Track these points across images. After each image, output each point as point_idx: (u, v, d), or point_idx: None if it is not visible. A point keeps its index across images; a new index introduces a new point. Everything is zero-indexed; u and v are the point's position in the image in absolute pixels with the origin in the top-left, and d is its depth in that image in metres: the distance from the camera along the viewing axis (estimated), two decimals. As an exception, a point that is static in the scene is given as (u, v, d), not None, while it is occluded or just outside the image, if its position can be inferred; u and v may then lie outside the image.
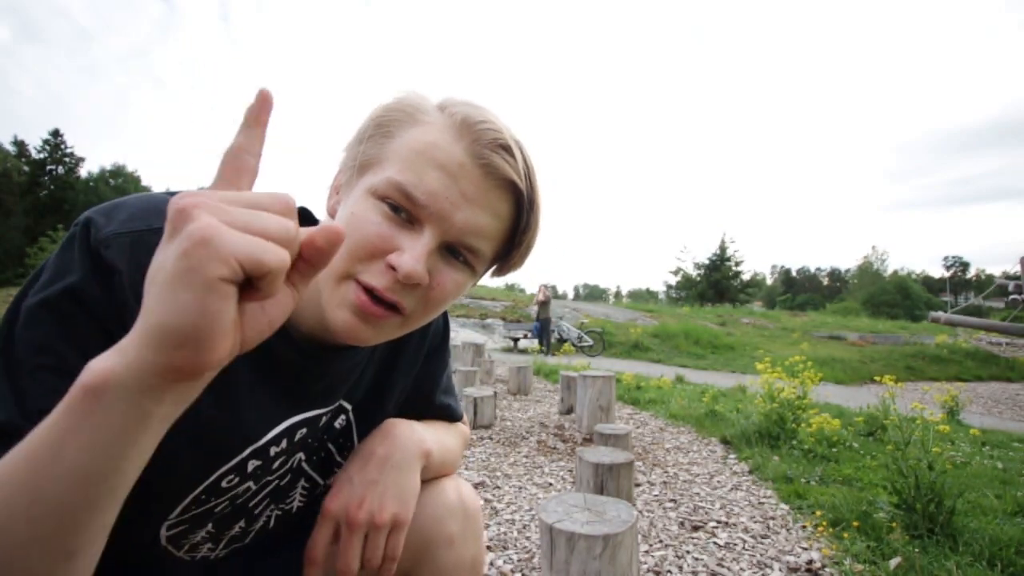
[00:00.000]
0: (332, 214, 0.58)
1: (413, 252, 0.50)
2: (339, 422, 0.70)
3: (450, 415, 0.84)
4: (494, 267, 0.61)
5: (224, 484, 0.58)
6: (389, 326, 0.53)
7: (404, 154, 0.52)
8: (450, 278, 0.54)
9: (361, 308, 0.50)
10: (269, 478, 0.63)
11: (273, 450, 0.61)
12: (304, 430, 0.63)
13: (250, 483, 0.61)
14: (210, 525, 0.61)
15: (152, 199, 0.53)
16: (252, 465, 0.59)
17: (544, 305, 12.25)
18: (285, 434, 0.61)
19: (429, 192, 0.51)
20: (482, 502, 2.54)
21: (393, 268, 0.50)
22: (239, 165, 0.38)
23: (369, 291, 0.51)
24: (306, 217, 0.64)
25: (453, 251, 0.54)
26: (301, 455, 0.66)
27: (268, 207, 0.35)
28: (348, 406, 0.70)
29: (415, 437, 0.67)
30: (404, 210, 0.51)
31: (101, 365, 0.33)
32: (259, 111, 0.38)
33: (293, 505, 0.72)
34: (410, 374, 0.76)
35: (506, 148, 0.52)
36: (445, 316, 0.81)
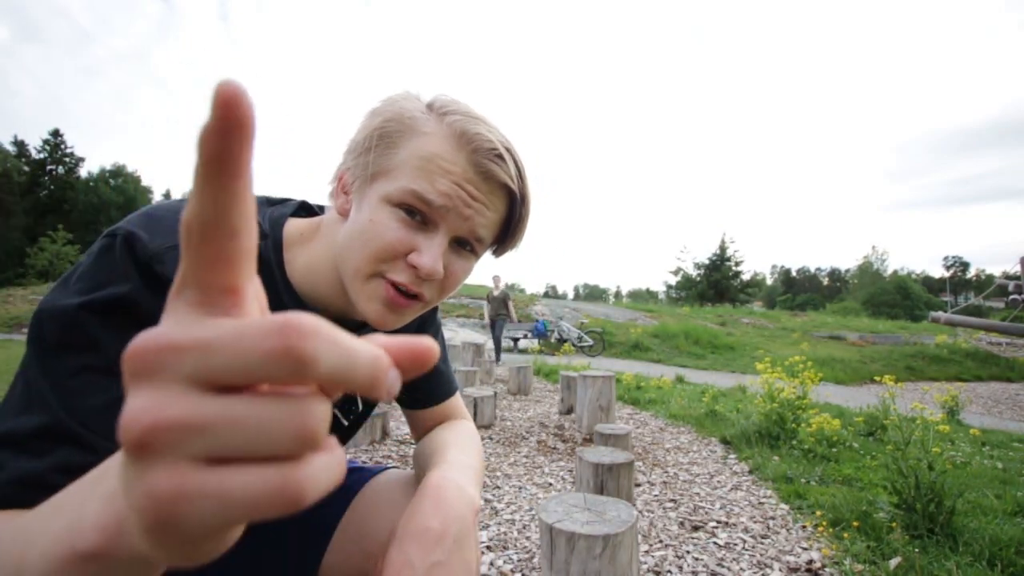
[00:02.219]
0: (343, 214, 0.62)
1: (431, 252, 0.58)
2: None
3: (445, 383, 0.87)
4: (495, 251, 0.68)
5: None
6: (411, 312, 0.62)
7: (415, 163, 0.58)
8: (460, 266, 0.62)
9: (391, 301, 0.59)
10: None
11: None
12: None
13: None
14: None
15: (183, 206, 0.54)
16: None
17: (499, 302, 10.05)
18: None
19: (441, 194, 0.57)
20: (482, 502, 2.54)
21: (413, 266, 0.58)
22: (227, 255, 0.22)
23: (395, 286, 0.58)
24: (307, 209, 0.69)
25: (461, 242, 0.61)
26: None
27: (284, 415, 0.20)
28: None
29: (465, 498, 0.62)
30: (419, 213, 0.58)
31: (91, 537, 0.26)
32: (231, 129, 0.20)
33: None
34: None
35: (500, 156, 0.59)
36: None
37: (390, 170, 0.59)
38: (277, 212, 0.65)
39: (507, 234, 0.65)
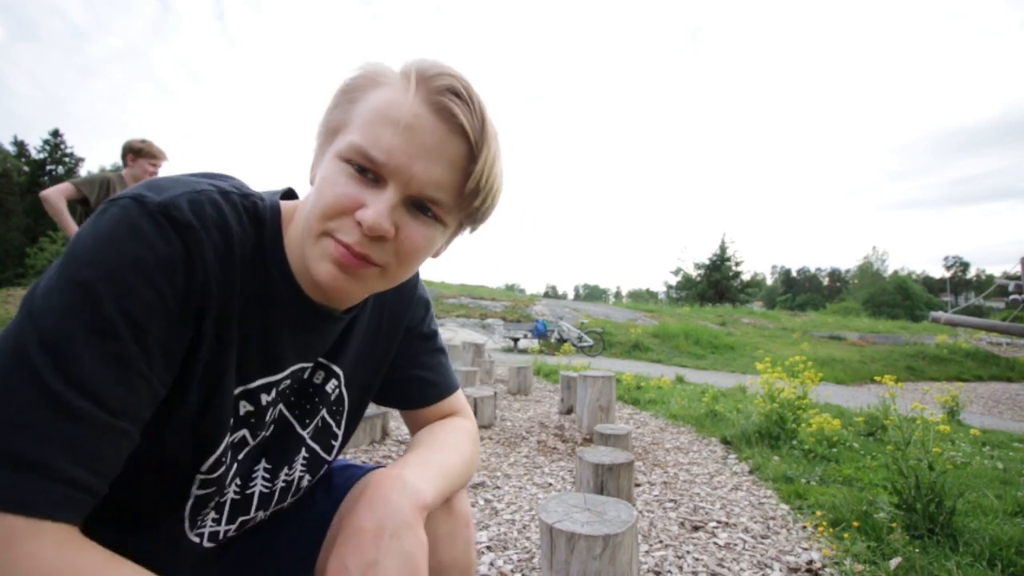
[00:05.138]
0: (313, 183, 0.61)
1: (376, 207, 0.53)
2: (330, 386, 0.73)
3: (440, 382, 0.84)
4: (465, 220, 0.62)
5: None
6: (369, 277, 0.58)
7: (366, 116, 0.55)
8: (419, 232, 0.57)
9: (340, 259, 0.55)
10: (263, 433, 0.66)
11: (263, 398, 0.64)
12: (289, 381, 0.67)
13: (245, 432, 0.63)
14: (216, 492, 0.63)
15: (177, 176, 0.57)
16: (244, 408, 0.62)
17: None
18: (274, 384, 0.64)
19: (386, 150, 0.53)
20: (482, 502, 2.54)
21: (358, 220, 0.54)
22: None
23: (344, 245, 0.55)
24: (290, 196, 0.68)
25: (421, 206, 0.57)
26: (281, 405, 0.69)
27: None
28: (340, 373, 0.73)
29: (407, 492, 0.59)
30: (369, 170, 0.54)
31: None
32: None
33: (294, 476, 0.73)
34: (391, 344, 0.79)
35: (456, 93, 0.54)
36: (424, 293, 0.84)
37: (345, 125, 0.57)
38: (270, 199, 0.63)
39: (472, 198, 0.58)
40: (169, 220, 0.49)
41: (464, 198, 0.58)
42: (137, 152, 3.06)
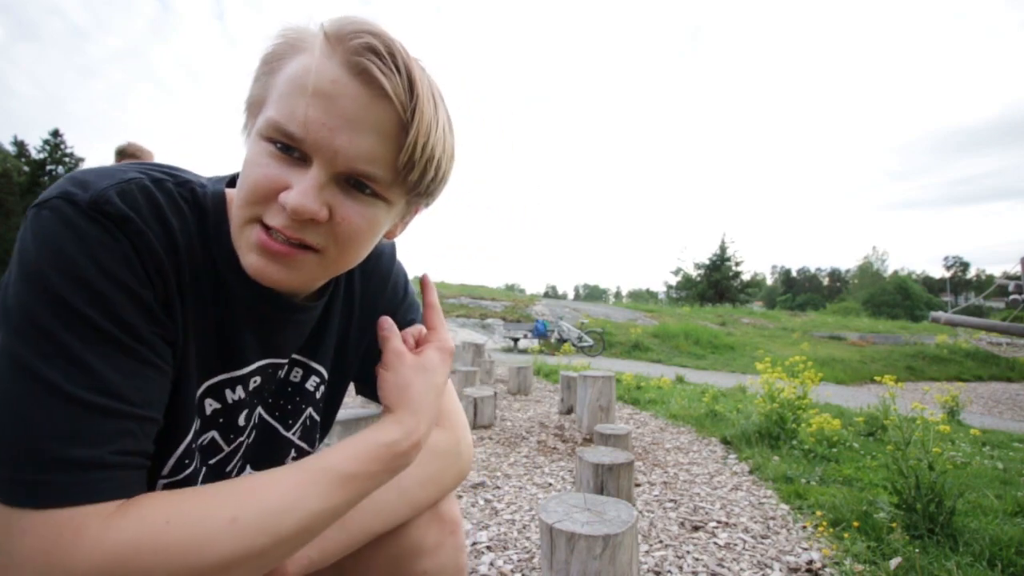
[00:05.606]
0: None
1: (300, 187, 0.49)
2: (311, 384, 0.71)
3: None
4: (411, 196, 0.56)
5: (194, 442, 0.59)
6: (305, 264, 0.53)
7: (282, 88, 0.50)
8: (357, 212, 0.52)
9: (264, 246, 0.51)
10: (239, 438, 0.65)
11: (229, 395, 0.62)
12: (258, 378, 0.65)
13: (215, 434, 0.62)
14: None
15: (101, 167, 0.54)
16: (210, 407, 0.61)
17: None
18: (239, 380, 0.62)
19: (303, 124, 0.48)
20: (482, 502, 2.54)
21: (282, 203, 0.50)
22: None
23: (269, 230, 0.51)
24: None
25: (356, 184, 0.52)
26: (261, 410, 0.67)
27: None
28: (322, 370, 0.72)
29: None
30: (294, 148, 0.50)
31: None
32: None
33: None
34: (366, 333, 0.75)
35: (376, 52, 0.48)
36: (401, 277, 0.79)
37: (264, 99, 0.52)
38: (212, 185, 0.58)
39: (409, 171, 0.52)
40: (104, 215, 0.47)
41: (400, 172, 0.52)
42: (120, 153, 3.09)
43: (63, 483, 0.42)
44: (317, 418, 0.74)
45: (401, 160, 0.51)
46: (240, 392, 0.63)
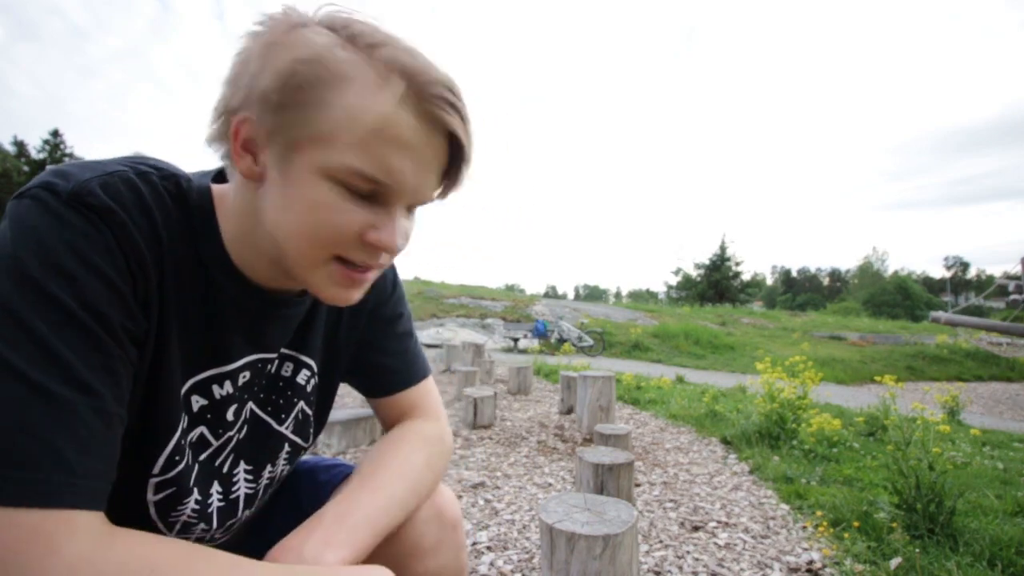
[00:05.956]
0: (254, 178, 0.53)
1: (390, 228, 0.53)
2: (302, 377, 0.71)
3: (408, 367, 0.80)
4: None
5: (183, 439, 0.59)
6: (370, 280, 0.59)
7: (356, 132, 0.49)
8: (411, 226, 0.59)
9: (349, 279, 0.56)
10: (228, 432, 0.64)
11: (216, 390, 0.62)
12: (247, 373, 0.64)
13: (203, 430, 0.62)
14: (196, 492, 0.61)
15: (85, 160, 0.53)
16: (197, 404, 0.60)
17: None
18: (227, 376, 0.62)
19: (395, 174, 0.51)
20: (482, 502, 2.54)
21: (372, 244, 0.53)
22: None
23: (350, 262, 0.55)
24: (222, 177, 0.62)
25: (410, 206, 0.57)
26: (252, 405, 0.67)
27: None
28: (312, 363, 0.72)
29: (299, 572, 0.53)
30: (369, 190, 0.52)
31: None
32: None
33: (278, 471, 0.72)
34: (356, 325, 0.76)
35: (451, 104, 0.52)
36: (394, 271, 0.82)
37: (321, 137, 0.49)
38: (197, 180, 0.58)
39: (450, 183, 0.58)
40: (86, 207, 0.46)
41: (442, 193, 0.59)
42: None
43: (21, 479, 0.40)
44: (309, 412, 0.74)
45: (452, 179, 0.58)
46: (228, 387, 0.63)
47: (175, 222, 0.54)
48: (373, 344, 0.77)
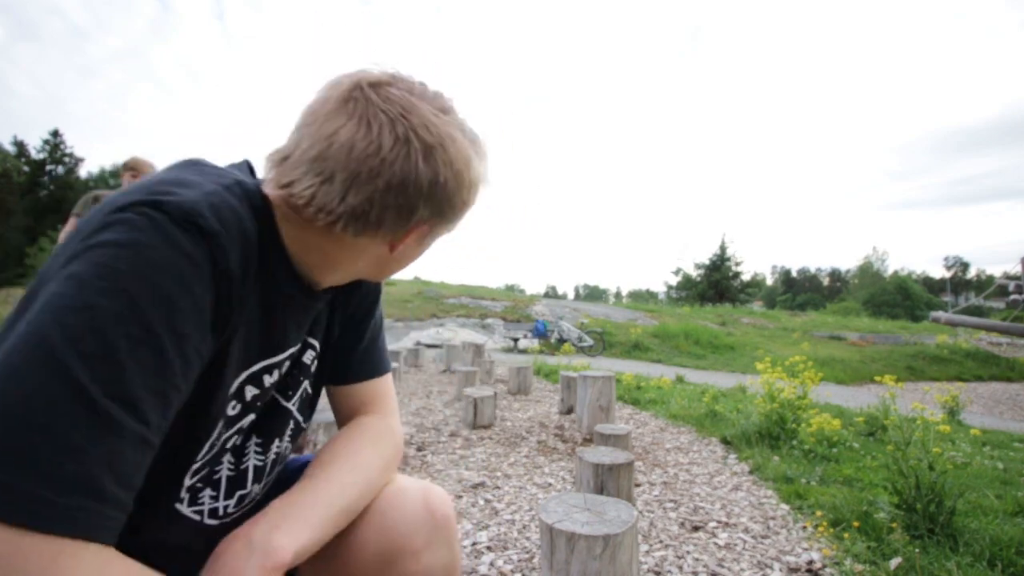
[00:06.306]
0: (392, 248, 0.65)
1: None
2: (307, 357, 0.75)
3: (373, 360, 0.82)
4: None
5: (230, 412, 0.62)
6: None
7: (459, 211, 0.65)
8: None
9: None
10: (254, 413, 0.68)
11: (267, 379, 0.66)
12: (288, 363, 0.70)
13: (252, 417, 0.67)
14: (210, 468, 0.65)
15: (177, 175, 0.55)
16: (250, 393, 0.64)
17: None
18: (276, 366, 0.68)
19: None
20: (482, 502, 2.54)
21: None
22: None
23: None
24: (250, 169, 0.68)
25: None
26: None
27: None
28: (316, 343, 0.76)
29: (255, 558, 0.55)
30: None
31: None
32: None
33: (284, 447, 0.75)
34: (349, 308, 0.80)
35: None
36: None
37: (443, 224, 0.66)
38: (252, 183, 0.62)
39: None
40: (197, 228, 0.49)
41: None
42: (124, 167, 3.26)
43: (64, 505, 0.40)
44: (310, 391, 0.77)
45: None
46: (276, 376, 0.68)
47: (256, 239, 0.58)
48: (352, 326, 0.80)
